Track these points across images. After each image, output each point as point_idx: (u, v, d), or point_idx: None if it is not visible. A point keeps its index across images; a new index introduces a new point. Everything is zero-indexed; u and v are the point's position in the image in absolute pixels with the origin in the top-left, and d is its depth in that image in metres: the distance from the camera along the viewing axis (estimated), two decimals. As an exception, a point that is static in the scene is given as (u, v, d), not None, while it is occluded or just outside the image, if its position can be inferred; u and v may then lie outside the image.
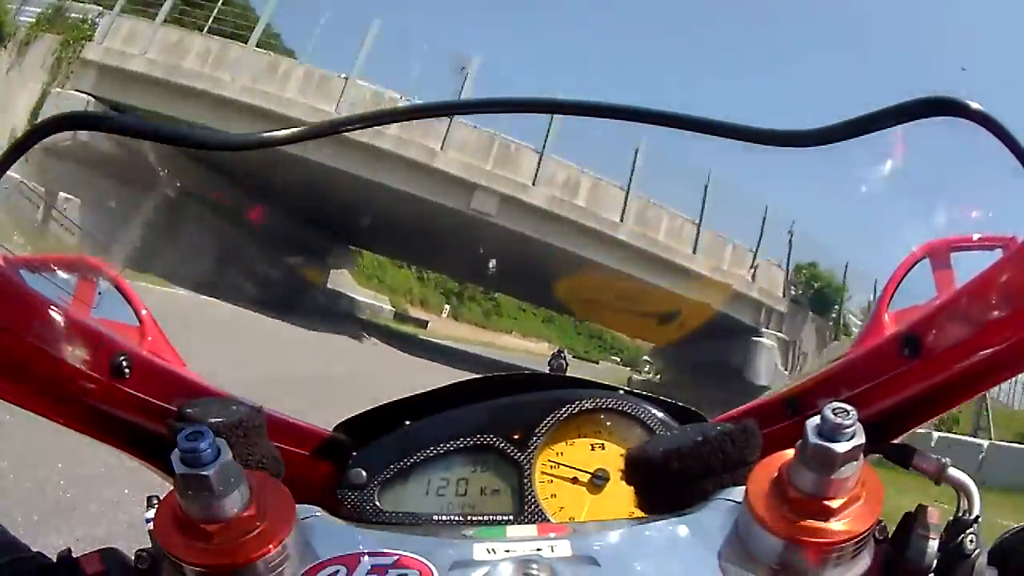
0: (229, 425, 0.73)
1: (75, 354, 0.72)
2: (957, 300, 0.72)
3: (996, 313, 0.68)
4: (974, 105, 0.65)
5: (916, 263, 0.94)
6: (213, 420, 0.73)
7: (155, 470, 0.82)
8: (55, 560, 0.62)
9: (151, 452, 0.80)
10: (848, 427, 0.51)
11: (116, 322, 0.90)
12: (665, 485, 0.76)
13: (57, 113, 0.68)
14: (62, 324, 0.71)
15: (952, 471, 0.70)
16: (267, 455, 0.76)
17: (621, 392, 0.97)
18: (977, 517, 0.66)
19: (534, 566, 0.57)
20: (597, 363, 72.21)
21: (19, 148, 0.66)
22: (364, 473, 0.92)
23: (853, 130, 0.68)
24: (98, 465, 4.32)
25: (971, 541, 0.62)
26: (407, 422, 0.97)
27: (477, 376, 1.01)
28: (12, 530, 0.67)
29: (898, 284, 0.95)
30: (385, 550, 0.60)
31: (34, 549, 0.67)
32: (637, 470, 0.79)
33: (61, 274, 0.79)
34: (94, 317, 0.81)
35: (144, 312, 0.95)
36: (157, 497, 0.63)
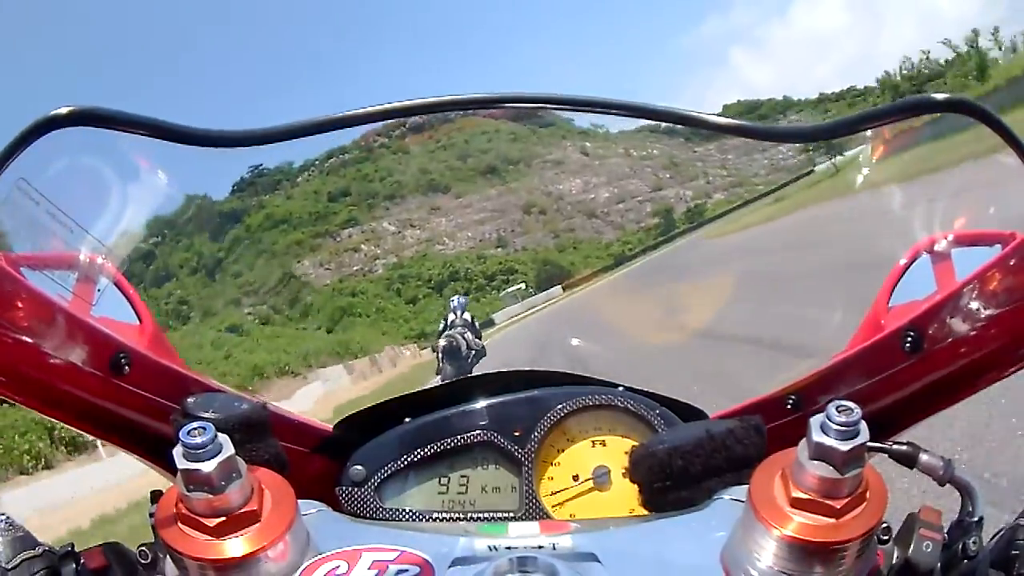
0: (233, 421, 0.73)
1: (75, 351, 0.72)
2: (958, 295, 0.72)
3: (997, 308, 0.68)
4: (979, 103, 0.65)
5: (917, 257, 0.94)
6: (217, 415, 0.73)
7: (157, 468, 0.82)
8: (59, 554, 0.62)
9: (153, 449, 0.80)
10: (852, 425, 0.51)
11: (116, 320, 0.90)
12: (668, 483, 0.76)
13: (58, 110, 0.68)
14: (62, 322, 0.71)
15: (957, 473, 0.70)
16: (270, 451, 0.76)
17: (621, 389, 0.97)
18: (980, 519, 0.66)
19: (535, 563, 0.57)
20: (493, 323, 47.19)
21: (20, 144, 0.66)
22: (364, 470, 0.92)
23: (861, 124, 0.69)
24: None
25: (974, 543, 0.62)
26: (407, 419, 0.97)
27: (476, 374, 1.01)
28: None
29: (899, 278, 0.95)
30: (386, 546, 0.60)
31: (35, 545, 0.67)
32: (640, 468, 0.79)
33: (61, 272, 0.79)
34: (94, 315, 0.81)
35: (144, 310, 0.95)
36: (160, 492, 0.63)
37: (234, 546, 0.54)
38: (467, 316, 14.44)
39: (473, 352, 13.90)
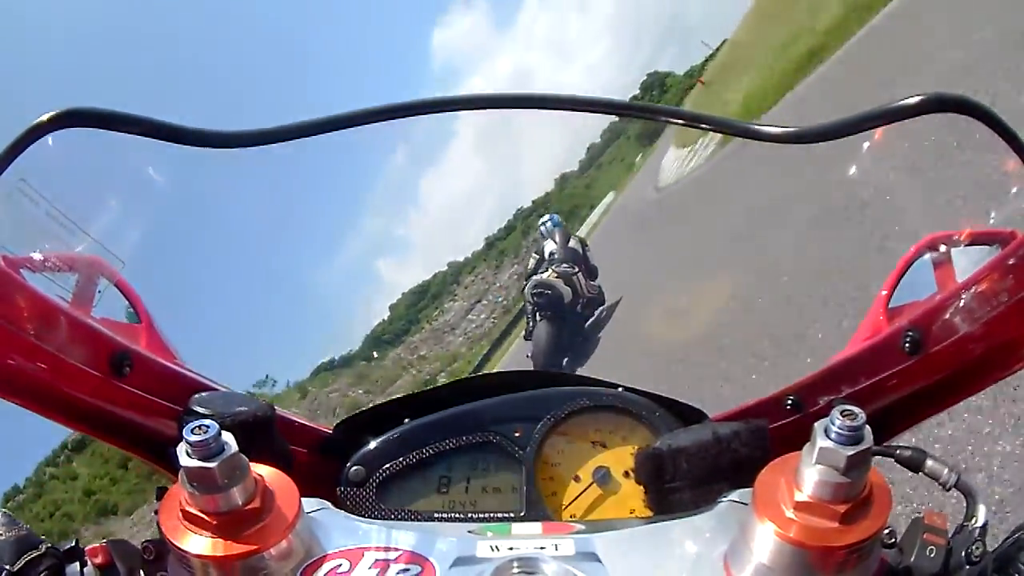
0: (238, 419, 0.73)
1: (75, 352, 0.72)
2: (957, 296, 0.72)
3: (997, 308, 0.68)
4: (979, 103, 0.65)
5: (916, 258, 0.95)
6: (222, 414, 0.74)
7: (159, 469, 0.82)
8: (63, 552, 0.62)
9: (154, 450, 0.80)
10: (857, 429, 0.51)
11: (117, 321, 0.90)
12: (673, 485, 0.76)
13: (57, 111, 0.68)
14: (62, 323, 0.71)
15: (962, 478, 0.70)
16: (275, 450, 0.76)
17: (621, 390, 0.97)
18: (985, 524, 0.66)
19: (537, 564, 0.57)
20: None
21: (19, 146, 0.66)
22: (364, 471, 0.92)
23: (861, 125, 0.69)
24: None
25: (977, 548, 0.62)
26: (407, 420, 0.97)
27: (477, 375, 1.01)
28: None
29: (899, 278, 0.95)
30: (388, 545, 0.60)
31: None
32: (645, 469, 0.79)
33: (62, 273, 0.79)
34: (94, 316, 0.81)
35: (144, 311, 0.95)
36: (165, 488, 0.63)
37: (237, 544, 0.54)
38: (574, 243, 9.17)
39: (583, 300, 8.68)
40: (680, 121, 0.87)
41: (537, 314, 8.25)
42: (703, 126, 0.84)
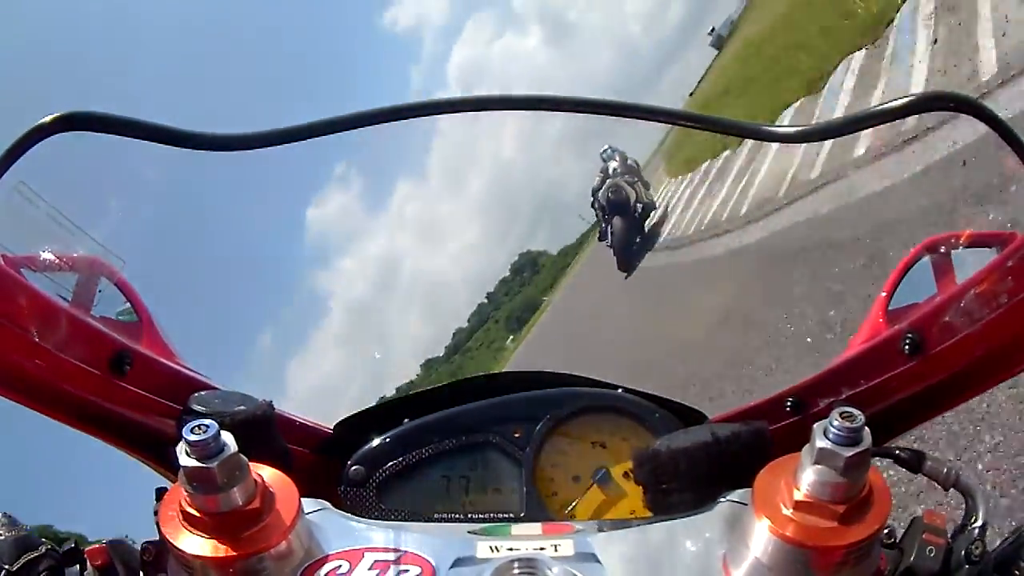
0: (238, 419, 0.73)
1: (75, 352, 0.72)
2: (957, 297, 0.72)
3: (997, 310, 0.68)
4: (979, 101, 0.65)
5: (917, 259, 0.95)
6: (222, 413, 0.73)
7: (158, 469, 0.82)
8: (62, 553, 0.62)
9: (154, 449, 0.80)
10: (856, 430, 0.51)
11: (117, 320, 0.90)
12: (672, 485, 0.76)
13: (57, 115, 0.68)
14: (62, 322, 0.71)
15: (962, 478, 0.70)
16: (275, 449, 0.76)
17: (621, 391, 0.97)
18: (984, 524, 0.66)
19: (537, 564, 0.57)
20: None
21: (18, 149, 0.66)
22: (364, 470, 0.92)
23: (863, 123, 0.69)
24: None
25: (977, 547, 0.62)
26: (407, 420, 0.97)
27: (477, 375, 1.01)
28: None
29: (899, 280, 0.95)
30: (388, 546, 0.60)
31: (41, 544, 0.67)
32: (645, 469, 0.79)
33: (62, 272, 0.79)
34: (94, 315, 0.81)
35: (145, 310, 0.95)
36: (165, 489, 0.63)
37: (236, 545, 0.54)
38: (630, 162, 12.09)
39: (641, 205, 11.69)
40: (682, 122, 0.88)
41: (607, 215, 11.41)
42: (705, 127, 0.84)
